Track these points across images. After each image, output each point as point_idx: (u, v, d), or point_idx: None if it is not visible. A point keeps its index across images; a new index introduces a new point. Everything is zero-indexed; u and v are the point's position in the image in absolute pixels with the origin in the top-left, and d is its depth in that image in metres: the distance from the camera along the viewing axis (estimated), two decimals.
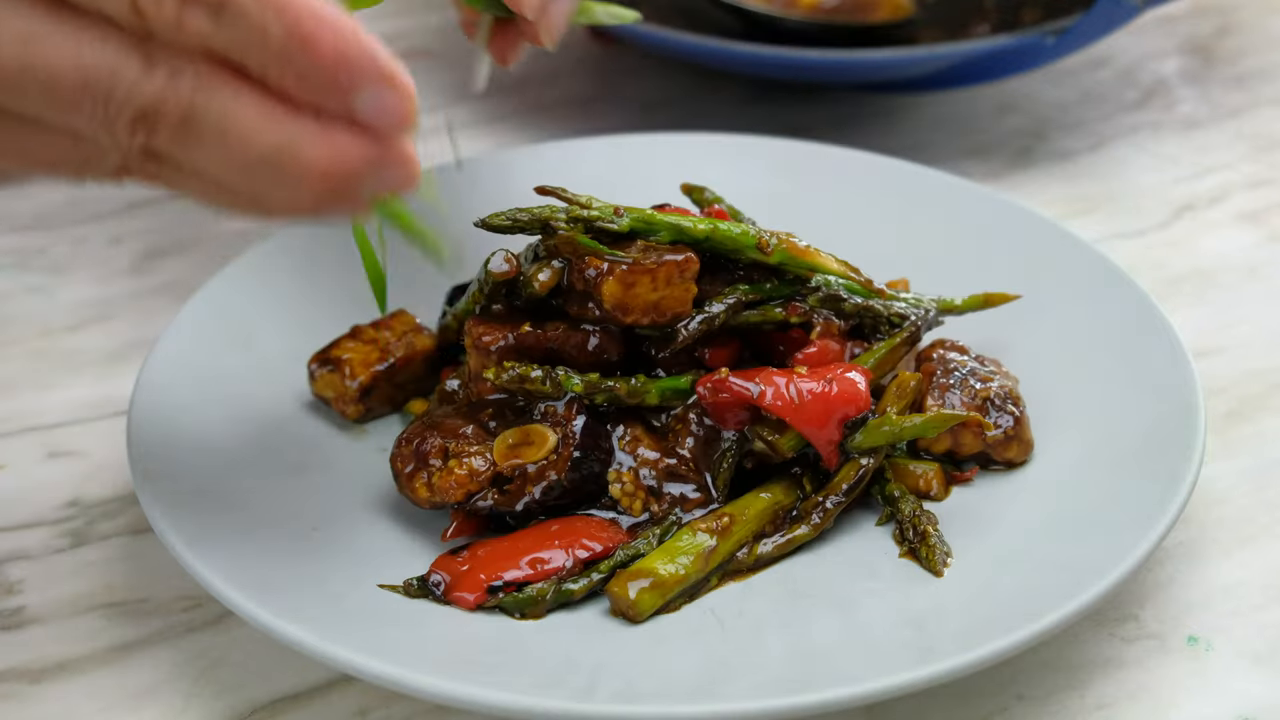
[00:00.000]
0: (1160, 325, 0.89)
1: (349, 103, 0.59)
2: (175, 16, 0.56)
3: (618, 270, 0.81)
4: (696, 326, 0.83)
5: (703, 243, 0.84)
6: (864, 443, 0.82)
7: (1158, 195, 1.20)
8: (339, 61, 0.58)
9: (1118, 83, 1.36)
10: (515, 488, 0.81)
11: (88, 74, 0.57)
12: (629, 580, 0.77)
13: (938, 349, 0.89)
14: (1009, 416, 0.86)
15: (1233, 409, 0.96)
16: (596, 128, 1.29)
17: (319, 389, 0.91)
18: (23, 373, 1.02)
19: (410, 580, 0.78)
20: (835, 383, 0.81)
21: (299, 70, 0.58)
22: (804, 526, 0.81)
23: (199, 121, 0.58)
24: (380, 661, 0.69)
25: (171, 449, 0.83)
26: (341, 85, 0.58)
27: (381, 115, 0.60)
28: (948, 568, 0.79)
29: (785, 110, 1.31)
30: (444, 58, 1.42)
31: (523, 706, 0.68)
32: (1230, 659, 0.79)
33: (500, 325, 0.84)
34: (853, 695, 0.68)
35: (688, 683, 0.71)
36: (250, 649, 0.80)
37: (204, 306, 0.93)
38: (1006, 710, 0.76)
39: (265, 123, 0.59)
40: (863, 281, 0.88)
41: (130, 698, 0.77)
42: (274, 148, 0.59)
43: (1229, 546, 0.86)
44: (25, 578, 0.85)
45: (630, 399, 0.82)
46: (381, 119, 0.60)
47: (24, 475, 0.92)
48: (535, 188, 0.84)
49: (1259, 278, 1.10)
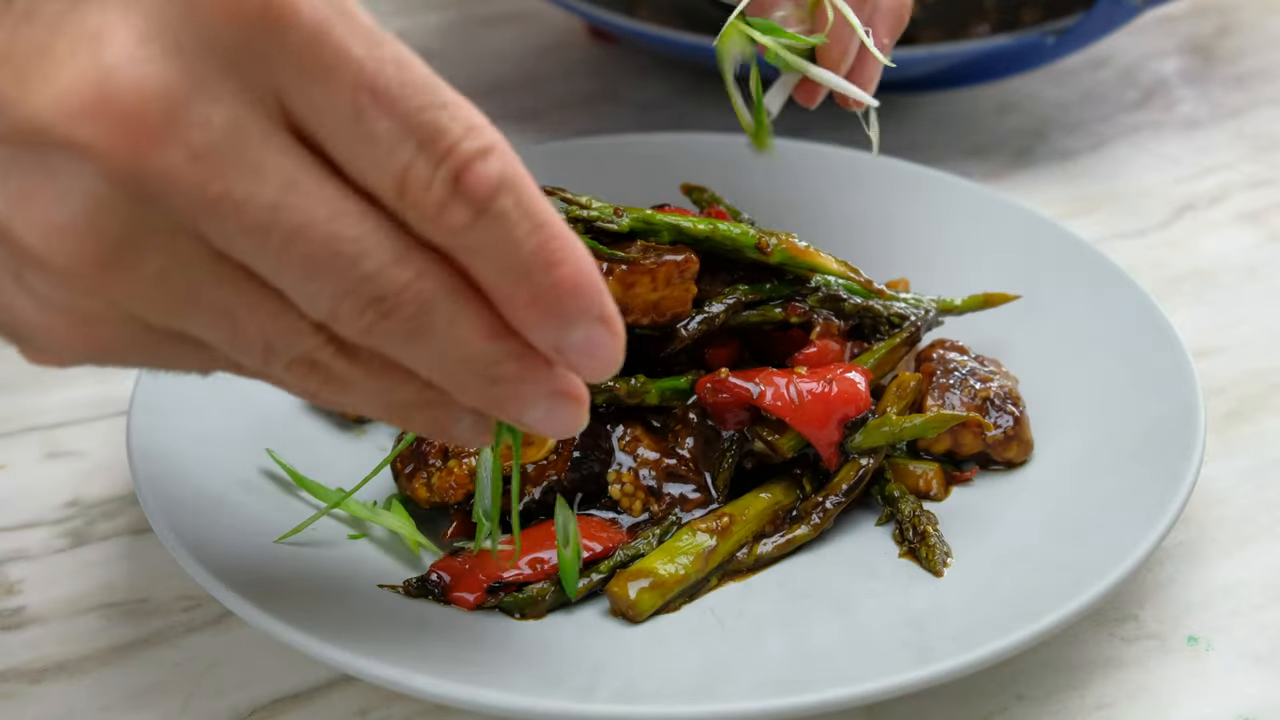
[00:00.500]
0: (1160, 325, 0.89)
1: (563, 337, 0.57)
2: (439, 206, 0.53)
3: (617, 270, 0.81)
4: (696, 326, 0.83)
5: (702, 242, 0.84)
6: (864, 443, 0.82)
7: (1158, 195, 1.20)
8: (575, 290, 0.56)
9: (1118, 83, 1.36)
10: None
11: (338, 240, 0.53)
12: (629, 580, 0.77)
13: (938, 349, 0.89)
14: (1009, 416, 0.86)
15: (1233, 409, 0.96)
16: (596, 128, 1.29)
17: None
18: (23, 373, 1.02)
19: (410, 580, 0.78)
20: (835, 383, 0.82)
21: (534, 290, 0.55)
22: (804, 527, 0.81)
23: (432, 319, 0.55)
24: (380, 661, 0.69)
25: (171, 449, 0.83)
26: (568, 315, 0.56)
27: (589, 355, 0.57)
28: (948, 568, 0.79)
29: (785, 110, 1.30)
30: (444, 57, 1.42)
31: (523, 706, 0.68)
32: (1230, 659, 0.79)
33: None
34: (853, 695, 0.68)
35: (688, 683, 0.71)
36: (250, 649, 0.80)
37: None
38: (1006, 710, 0.76)
39: (487, 335, 0.57)
40: (862, 281, 0.88)
41: (130, 698, 0.77)
42: (486, 352, 0.57)
43: (1229, 546, 0.86)
44: (25, 578, 0.85)
45: (630, 399, 0.82)
46: (587, 360, 0.58)
47: (24, 475, 0.92)
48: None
49: (1259, 278, 1.10)
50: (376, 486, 0.85)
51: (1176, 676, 0.78)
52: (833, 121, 1.29)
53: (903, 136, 1.27)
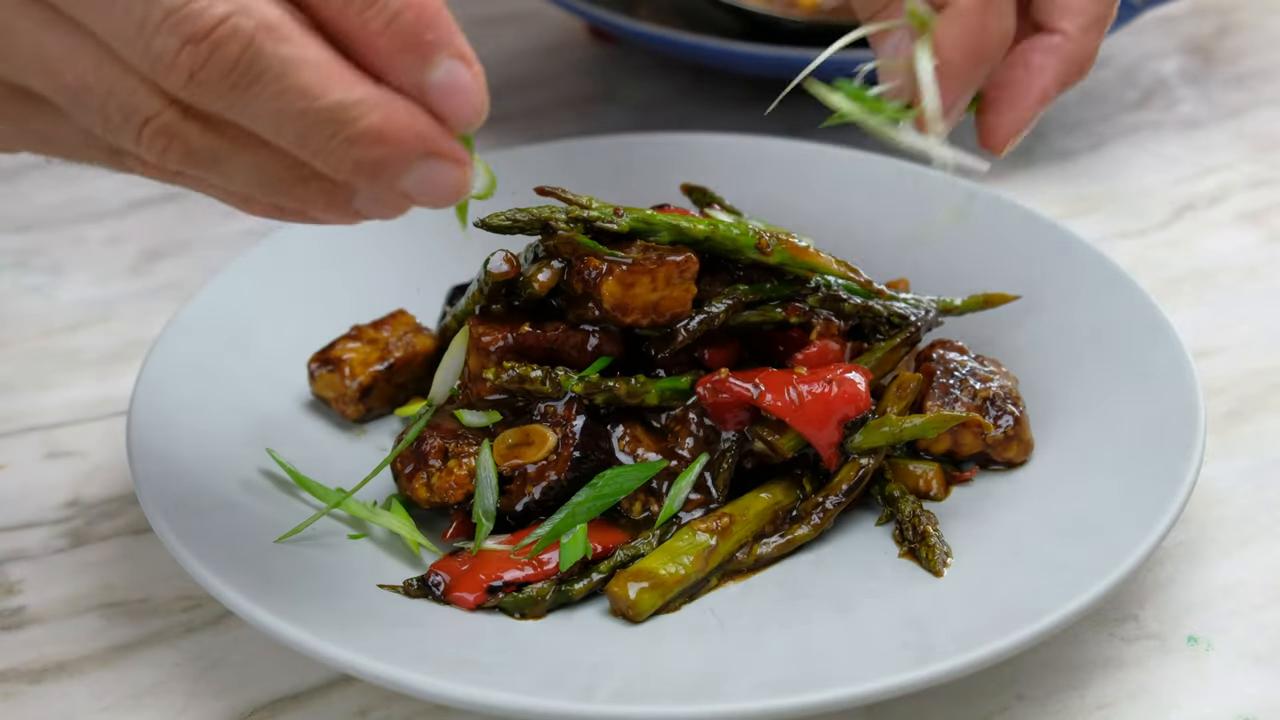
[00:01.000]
0: (1160, 325, 0.89)
1: (423, 74, 0.55)
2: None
3: (617, 270, 0.81)
4: (696, 326, 0.83)
5: (702, 243, 0.84)
6: (864, 443, 0.82)
7: (1158, 195, 1.20)
8: (433, 20, 0.54)
9: (1118, 83, 1.36)
10: (515, 488, 0.81)
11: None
12: (629, 580, 0.77)
13: (937, 349, 0.89)
14: (1009, 416, 0.86)
15: (1233, 409, 0.96)
16: (596, 128, 1.29)
17: (319, 389, 0.91)
18: (23, 373, 1.02)
19: (410, 580, 0.78)
20: (835, 383, 0.81)
21: (383, 21, 0.54)
22: (804, 527, 0.81)
23: (259, 65, 0.53)
24: (380, 661, 0.69)
25: (171, 449, 0.83)
26: (421, 47, 0.54)
27: (453, 94, 0.56)
28: (948, 568, 0.79)
29: (785, 110, 1.30)
30: None
31: (523, 706, 0.68)
32: (1230, 659, 0.79)
33: (500, 325, 0.83)
34: (853, 695, 0.68)
35: (688, 683, 0.71)
36: (250, 649, 0.80)
37: (204, 306, 0.93)
38: (1006, 710, 0.76)
39: (331, 77, 0.54)
40: (862, 281, 0.88)
41: (130, 698, 0.77)
42: (336, 104, 0.54)
43: (1229, 546, 0.86)
44: (25, 578, 0.85)
45: (630, 399, 0.82)
46: (452, 99, 0.56)
47: (24, 475, 0.92)
48: (535, 188, 0.84)
49: (1259, 278, 1.10)
50: (376, 486, 0.85)
51: (1176, 676, 0.78)
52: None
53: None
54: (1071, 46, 0.76)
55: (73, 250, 1.15)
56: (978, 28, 0.72)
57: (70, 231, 1.17)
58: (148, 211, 1.20)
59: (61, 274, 1.12)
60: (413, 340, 0.93)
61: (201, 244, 1.16)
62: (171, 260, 1.14)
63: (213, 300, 0.94)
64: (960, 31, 0.72)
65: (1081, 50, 0.76)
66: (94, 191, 1.22)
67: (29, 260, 1.14)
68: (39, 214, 1.19)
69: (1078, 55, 0.76)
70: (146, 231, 1.17)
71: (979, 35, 0.72)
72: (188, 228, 1.17)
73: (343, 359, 0.91)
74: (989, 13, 0.72)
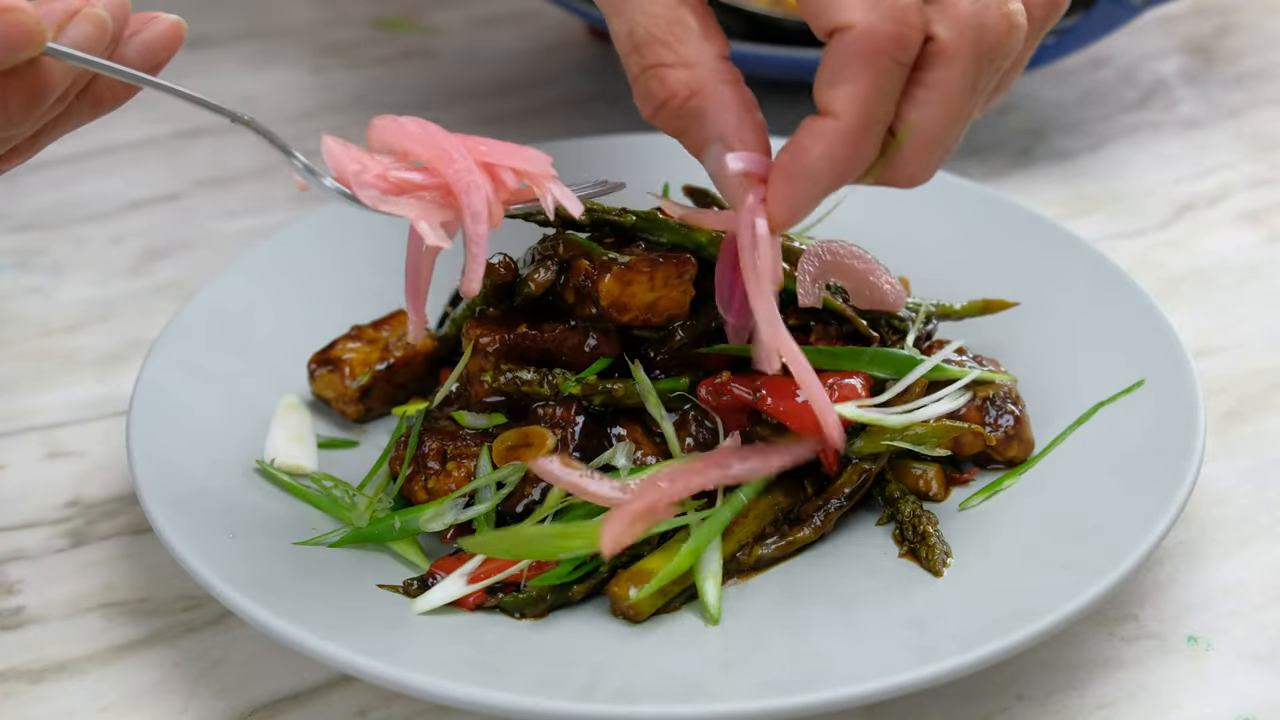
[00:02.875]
0: (1160, 325, 0.89)
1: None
2: None
3: (615, 268, 0.81)
4: (693, 327, 0.83)
5: (705, 246, 0.84)
6: (864, 449, 0.82)
7: (1158, 195, 1.20)
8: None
9: (1118, 83, 1.36)
10: (515, 488, 0.81)
11: None
12: (629, 580, 0.77)
13: (937, 350, 0.89)
14: (1009, 416, 0.86)
15: (1233, 409, 0.96)
16: (596, 128, 1.29)
17: (319, 389, 0.91)
18: (23, 373, 1.02)
19: (410, 580, 0.78)
20: (835, 388, 0.81)
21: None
22: (805, 529, 0.81)
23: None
24: (380, 661, 0.69)
25: (171, 449, 0.83)
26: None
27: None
28: (948, 568, 0.79)
29: (785, 110, 1.30)
30: (444, 57, 1.42)
31: (523, 706, 0.68)
32: (1230, 659, 0.79)
33: (497, 326, 0.83)
34: (853, 695, 0.68)
35: (688, 683, 0.71)
36: (250, 649, 0.80)
37: (204, 306, 0.93)
38: (1006, 710, 0.76)
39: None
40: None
41: (130, 698, 0.77)
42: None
43: (1229, 546, 0.86)
44: (25, 578, 0.85)
45: (628, 400, 0.82)
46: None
47: (24, 475, 0.92)
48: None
49: (1259, 278, 1.10)
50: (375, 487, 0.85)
51: (1176, 676, 0.78)
52: None
53: None
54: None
55: (73, 250, 1.15)
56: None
57: (70, 231, 1.17)
58: (148, 211, 1.20)
59: (61, 274, 1.12)
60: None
61: (201, 244, 1.16)
62: (171, 260, 1.14)
63: (213, 300, 0.94)
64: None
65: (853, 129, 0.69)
66: (94, 191, 1.22)
67: (29, 260, 1.14)
68: (39, 214, 1.20)
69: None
70: (146, 231, 1.17)
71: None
72: (188, 228, 1.18)
73: (343, 359, 0.91)
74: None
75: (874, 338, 0.85)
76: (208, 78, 1.39)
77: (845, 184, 0.71)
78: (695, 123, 0.71)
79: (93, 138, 1.27)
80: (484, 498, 0.80)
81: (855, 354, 0.83)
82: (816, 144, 0.68)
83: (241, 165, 1.26)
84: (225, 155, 1.27)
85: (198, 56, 1.42)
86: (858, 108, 0.67)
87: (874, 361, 0.83)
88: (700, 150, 0.72)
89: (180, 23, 0.72)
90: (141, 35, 0.71)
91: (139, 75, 0.69)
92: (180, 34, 0.72)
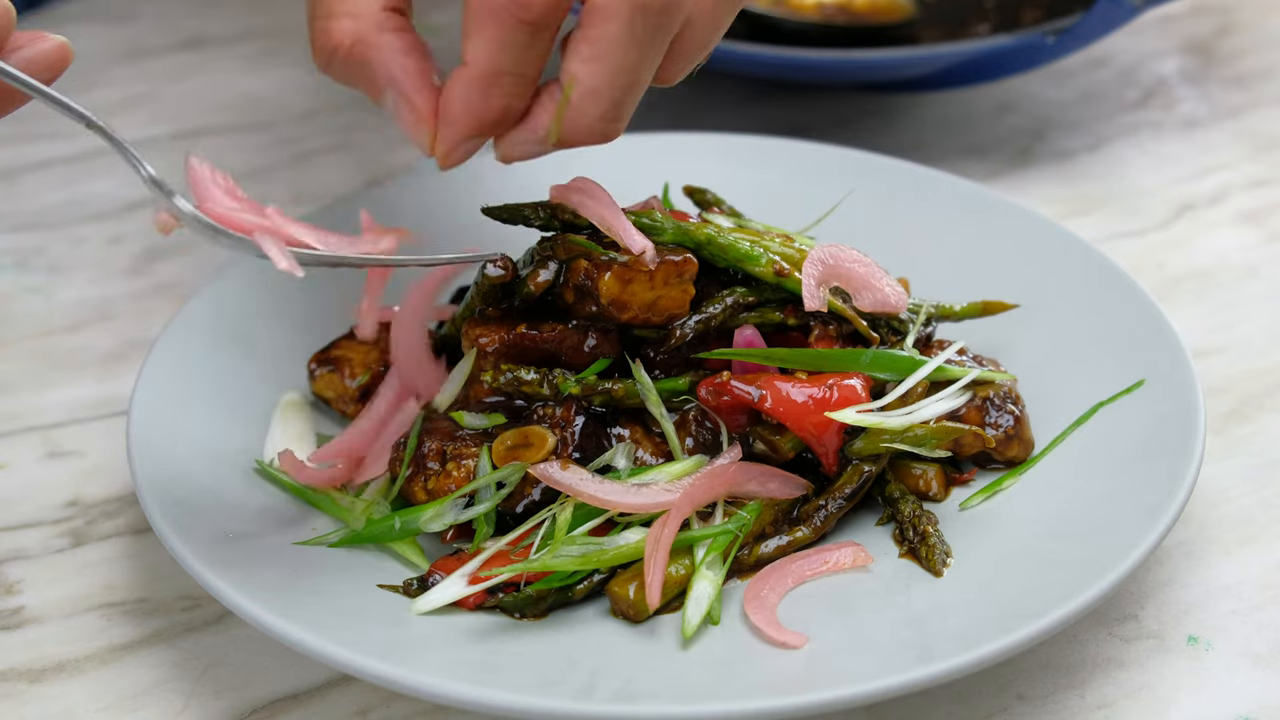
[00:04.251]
0: (1160, 325, 0.89)
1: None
2: None
3: (615, 267, 0.81)
4: (693, 326, 0.83)
5: (705, 246, 0.84)
6: (864, 450, 0.82)
7: (1158, 195, 1.20)
8: None
9: (1118, 83, 1.36)
10: (515, 488, 0.81)
11: None
12: (629, 580, 0.77)
13: (937, 350, 0.89)
14: (1009, 416, 0.86)
15: (1233, 409, 0.96)
16: None
17: (319, 389, 0.91)
18: (23, 373, 1.02)
19: (410, 580, 0.78)
20: (835, 388, 0.81)
21: None
22: (805, 529, 0.81)
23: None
24: (380, 661, 0.69)
25: (171, 449, 0.83)
26: None
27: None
28: (948, 568, 0.79)
29: (785, 110, 1.31)
30: (444, 56, 1.42)
31: (523, 706, 0.68)
32: (1230, 659, 0.79)
33: (497, 326, 0.83)
34: (853, 695, 0.68)
35: (688, 683, 0.71)
36: (250, 649, 0.80)
37: (204, 306, 0.93)
38: (1006, 710, 0.76)
39: None
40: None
41: (130, 698, 0.77)
42: None
43: (1229, 546, 0.86)
44: (25, 578, 0.85)
45: (628, 400, 0.82)
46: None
47: (24, 475, 0.92)
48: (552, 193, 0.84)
49: (1259, 278, 1.10)
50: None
51: (1176, 676, 0.78)
52: (833, 121, 1.29)
53: (903, 136, 1.27)
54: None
55: (73, 250, 1.15)
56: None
57: (70, 231, 1.17)
58: (148, 211, 1.19)
59: (61, 274, 1.12)
60: None
61: (201, 244, 1.15)
62: (171, 260, 1.14)
63: (213, 300, 0.94)
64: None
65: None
66: (94, 191, 1.22)
67: (29, 260, 1.14)
68: (39, 214, 1.19)
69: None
70: (146, 231, 1.17)
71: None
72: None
73: (343, 359, 0.91)
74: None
75: (874, 339, 0.85)
76: (208, 78, 1.39)
77: (492, 131, 0.76)
78: (364, 71, 0.75)
79: (92, 138, 1.26)
80: (484, 498, 0.80)
81: (855, 355, 0.83)
82: (451, 88, 0.75)
83: (241, 166, 1.26)
84: (225, 155, 1.27)
85: (198, 56, 1.42)
86: (480, 57, 0.74)
87: (874, 363, 0.83)
88: (377, 98, 0.76)
89: (65, 44, 0.72)
90: (23, 51, 0.71)
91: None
92: (67, 57, 0.72)
